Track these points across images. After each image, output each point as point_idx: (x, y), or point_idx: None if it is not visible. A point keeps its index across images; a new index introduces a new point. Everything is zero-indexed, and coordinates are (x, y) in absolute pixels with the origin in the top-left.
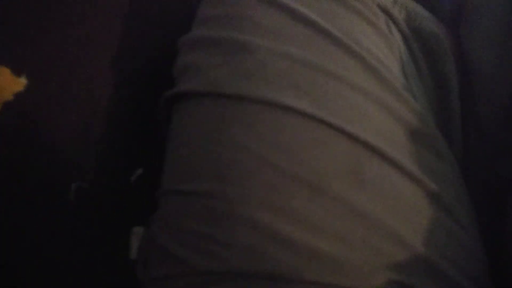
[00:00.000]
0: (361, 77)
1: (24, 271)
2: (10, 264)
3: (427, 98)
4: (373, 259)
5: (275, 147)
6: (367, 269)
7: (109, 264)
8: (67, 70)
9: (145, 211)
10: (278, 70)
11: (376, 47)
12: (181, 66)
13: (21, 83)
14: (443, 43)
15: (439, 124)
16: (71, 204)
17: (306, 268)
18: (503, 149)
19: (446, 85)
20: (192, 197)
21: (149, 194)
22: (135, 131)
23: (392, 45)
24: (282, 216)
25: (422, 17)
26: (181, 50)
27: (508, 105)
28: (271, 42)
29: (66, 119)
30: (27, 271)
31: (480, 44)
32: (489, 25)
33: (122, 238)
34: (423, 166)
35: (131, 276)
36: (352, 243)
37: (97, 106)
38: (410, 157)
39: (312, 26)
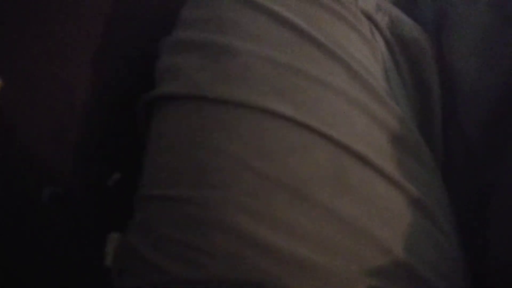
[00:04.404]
0: (345, 82)
1: None
2: None
3: (410, 104)
4: (355, 265)
5: (257, 152)
6: (349, 276)
7: (83, 272)
8: (43, 72)
9: (122, 217)
10: (261, 74)
11: (359, 52)
12: (162, 68)
13: None
14: (425, 50)
15: (421, 130)
16: (45, 208)
17: (288, 275)
18: (485, 156)
19: (428, 91)
20: (171, 202)
21: (127, 200)
22: (112, 134)
23: (375, 51)
24: (263, 222)
25: (404, 24)
26: (162, 52)
27: (489, 113)
28: (254, 46)
29: (41, 121)
30: None
31: (462, 53)
32: (471, 34)
33: (98, 244)
34: (406, 172)
35: (106, 284)
36: (334, 250)
37: (74, 108)
38: (392, 163)
39: (296, 31)
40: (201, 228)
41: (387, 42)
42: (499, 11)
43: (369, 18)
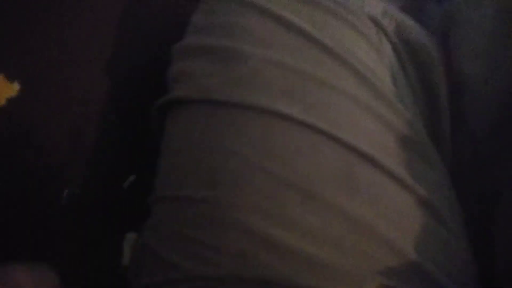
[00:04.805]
0: (353, 85)
1: None
2: None
3: (417, 107)
4: (365, 264)
5: (267, 153)
6: (359, 275)
7: (101, 271)
8: (60, 76)
9: (138, 218)
10: (270, 78)
11: (367, 56)
12: (174, 73)
13: (14, 88)
14: (431, 54)
15: (429, 132)
16: (63, 209)
17: (298, 273)
18: (493, 157)
19: (435, 94)
20: (185, 203)
21: (142, 201)
22: (128, 137)
23: (382, 55)
24: (274, 222)
25: (411, 29)
26: (174, 57)
27: (497, 115)
28: (264, 51)
29: (58, 124)
30: None
31: (469, 56)
32: (478, 38)
33: (115, 244)
34: (414, 173)
35: (124, 283)
36: (344, 249)
37: (90, 112)
38: (401, 164)
39: (304, 35)
40: (214, 226)
41: (394, 47)
42: (506, 15)
43: (376, 23)
